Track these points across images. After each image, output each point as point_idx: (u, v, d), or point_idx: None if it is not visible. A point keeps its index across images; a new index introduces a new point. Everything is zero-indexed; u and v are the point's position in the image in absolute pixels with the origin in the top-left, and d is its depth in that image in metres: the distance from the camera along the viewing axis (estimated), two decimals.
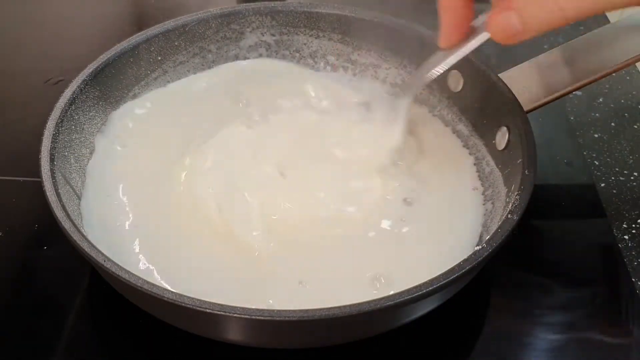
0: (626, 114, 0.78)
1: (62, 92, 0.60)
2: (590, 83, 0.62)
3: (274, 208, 0.59)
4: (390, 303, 0.46)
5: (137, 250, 0.56)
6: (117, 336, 0.57)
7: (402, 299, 0.46)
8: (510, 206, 0.52)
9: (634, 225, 0.66)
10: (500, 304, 0.60)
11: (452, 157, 0.65)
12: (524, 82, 0.62)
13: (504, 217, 0.52)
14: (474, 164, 0.64)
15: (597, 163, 0.73)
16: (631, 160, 0.73)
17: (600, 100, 0.80)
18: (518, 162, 0.56)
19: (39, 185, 0.53)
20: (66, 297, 0.58)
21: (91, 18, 0.87)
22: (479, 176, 0.63)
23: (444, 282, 0.47)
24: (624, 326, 0.58)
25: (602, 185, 0.70)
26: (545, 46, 0.87)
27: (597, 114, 0.78)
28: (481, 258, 0.48)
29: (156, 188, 0.61)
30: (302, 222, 0.59)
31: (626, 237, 0.65)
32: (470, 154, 0.65)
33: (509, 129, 0.60)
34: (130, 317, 0.56)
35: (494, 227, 0.53)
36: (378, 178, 0.62)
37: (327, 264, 0.56)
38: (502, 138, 0.61)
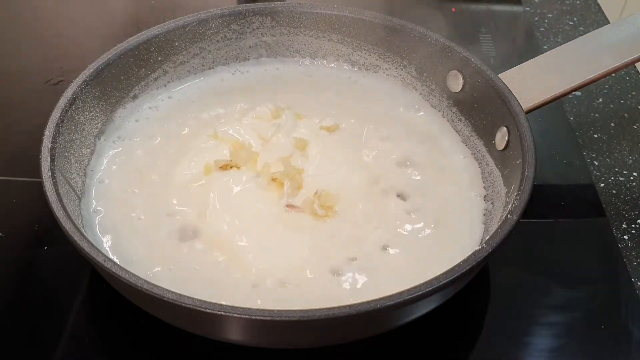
0: (625, 115, 0.79)
1: (63, 92, 0.60)
2: (589, 83, 0.62)
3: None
4: (390, 303, 0.46)
5: (136, 249, 0.57)
6: (117, 336, 0.57)
7: (402, 299, 0.46)
8: (509, 206, 0.52)
9: (633, 225, 0.66)
10: (500, 304, 0.60)
11: (452, 157, 0.65)
12: (523, 82, 0.62)
13: (503, 218, 0.52)
14: (474, 164, 0.64)
15: (596, 163, 0.73)
16: (630, 161, 0.73)
17: (600, 100, 0.80)
18: (518, 162, 0.56)
19: (40, 186, 0.53)
20: (66, 297, 0.58)
21: (91, 19, 0.87)
22: (479, 176, 0.63)
23: (444, 282, 0.47)
24: (623, 326, 0.58)
25: (602, 185, 0.70)
26: (545, 47, 0.87)
27: (596, 115, 0.78)
28: (481, 258, 0.48)
29: (157, 188, 0.61)
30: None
31: (626, 237, 0.65)
32: (471, 153, 0.65)
33: (508, 130, 0.60)
34: (130, 317, 0.56)
35: (493, 227, 0.53)
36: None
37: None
38: (502, 138, 0.61)
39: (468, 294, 0.55)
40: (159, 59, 0.69)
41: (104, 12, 0.87)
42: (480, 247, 0.50)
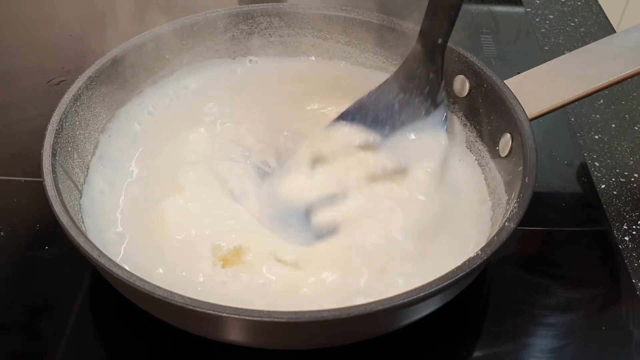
0: (626, 116, 0.78)
1: (65, 91, 0.60)
2: (595, 92, 0.61)
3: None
4: (389, 305, 0.46)
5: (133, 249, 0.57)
6: (117, 336, 0.57)
7: (401, 301, 0.46)
8: (508, 214, 0.52)
9: (634, 227, 0.66)
10: (501, 305, 0.60)
11: (455, 162, 0.65)
12: (529, 89, 0.62)
13: (501, 225, 0.52)
14: (478, 170, 0.64)
15: (597, 164, 0.73)
16: (631, 162, 0.73)
17: (601, 101, 0.80)
18: (519, 169, 0.56)
19: (41, 186, 0.53)
20: (67, 297, 0.58)
21: (94, 19, 0.87)
22: (482, 182, 0.63)
23: (436, 288, 0.47)
24: (624, 327, 0.58)
25: (603, 186, 0.70)
26: (546, 48, 0.87)
27: (597, 116, 0.78)
28: (475, 266, 0.48)
29: (158, 187, 0.61)
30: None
31: (626, 238, 0.65)
32: (474, 159, 0.65)
33: (512, 136, 0.60)
34: (130, 317, 0.56)
35: (492, 234, 0.53)
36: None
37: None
38: (505, 145, 0.60)
39: (468, 296, 0.55)
40: (167, 57, 0.69)
41: (107, 12, 0.87)
42: (475, 254, 0.49)
